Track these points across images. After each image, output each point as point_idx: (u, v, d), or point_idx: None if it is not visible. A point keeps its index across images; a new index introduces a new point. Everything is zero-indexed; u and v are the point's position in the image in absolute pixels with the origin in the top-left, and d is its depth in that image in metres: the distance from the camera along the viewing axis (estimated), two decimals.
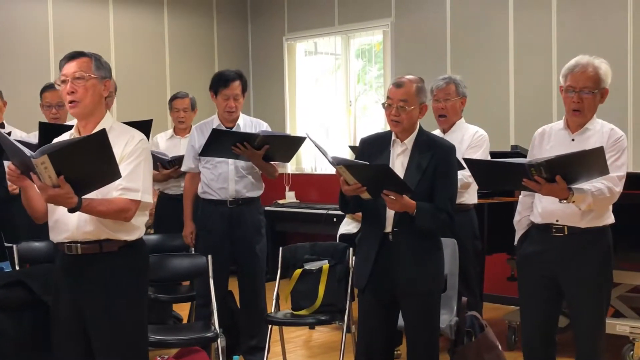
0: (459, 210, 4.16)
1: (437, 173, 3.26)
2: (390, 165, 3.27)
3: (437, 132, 4.44)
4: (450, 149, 3.36)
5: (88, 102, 2.88)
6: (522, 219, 3.55)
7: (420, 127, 3.36)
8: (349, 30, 7.47)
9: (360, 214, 3.50)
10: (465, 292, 4.15)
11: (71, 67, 2.88)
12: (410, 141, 3.31)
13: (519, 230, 3.57)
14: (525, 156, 3.80)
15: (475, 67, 6.50)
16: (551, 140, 3.41)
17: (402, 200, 3.14)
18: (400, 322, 3.37)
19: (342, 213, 4.63)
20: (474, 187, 4.35)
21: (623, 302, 4.80)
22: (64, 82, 2.88)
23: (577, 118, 3.33)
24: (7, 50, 6.45)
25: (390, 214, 3.24)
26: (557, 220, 3.34)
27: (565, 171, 3.06)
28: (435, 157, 3.27)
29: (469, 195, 4.41)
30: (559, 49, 6.01)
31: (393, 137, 3.35)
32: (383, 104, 3.34)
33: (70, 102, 2.88)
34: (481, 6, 6.50)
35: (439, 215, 3.24)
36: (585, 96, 3.26)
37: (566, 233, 3.32)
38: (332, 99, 7.72)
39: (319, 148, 3.30)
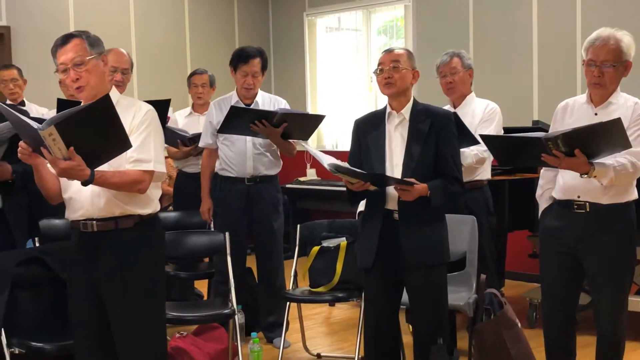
0: (473, 187, 4.11)
1: (439, 140, 3.24)
2: (388, 138, 3.27)
3: (447, 107, 4.37)
4: (448, 115, 3.36)
5: (94, 84, 2.86)
6: (544, 192, 3.49)
7: (414, 98, 3.34)
8: (370, 5, 7.39)
9: None
10: (481, 269, 4.11)
11: (68, 54, 2.82)
12: (407, 111, 3.29)
13: (542, 204, 3.51)
14: (546, 131, 3.74)
15: (498, 41, 6.40)
16: (574, 114, 3.34)
17: (414, 191, 3.13)
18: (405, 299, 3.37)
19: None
20: (488, 162, 4.29)
21: None
22: (64, 71, 2.84)
23: (598, 91, 3.25)
24: (27, 29, 6.48)
25: (391, 190, 3.22)
26: (578, 196, 3.28)
27: (584, 145, 3.00)
28: (434, 124, 3.25)
29: (483, 171, 4.33)
30: (583, 21, 5.89)
31: (388, 110, 3.32)
32: (375, 72, 3.32)
33: (77, 87, 2.85)
34: None
35: (450, 187, 3.23)
36: (606, 70, 3.18)
37: (588, 210, 3.26)
38: (353, 76, 7.66)
39: (315, 155, 3.29)
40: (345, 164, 3.23)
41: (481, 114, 4.24)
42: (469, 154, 4.08)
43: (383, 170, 3.24)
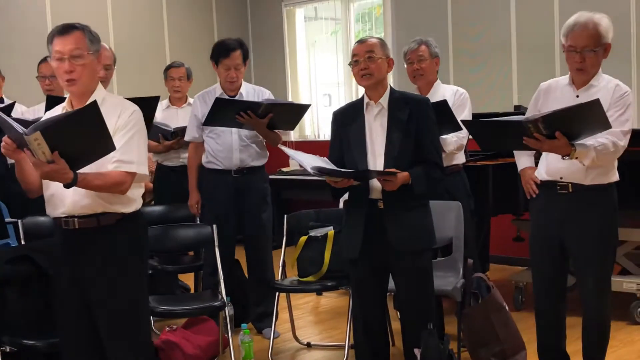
0: (451, 172, 4.14)
1: (419, 127, 3.26)
2: (368, 129, 3.28)
3: None
4: (426, 101, 3.39)
5: (86, 80, 2.83)
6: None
7: (390, 86, 3.35)
8: None
9: None
10: (466, 253, 4.14)
11: (67, 44, 2.79)
12: (384, 100, 3.30)
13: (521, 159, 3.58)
14: None
15: (477, 27, 6.44)
16: (557, 95, 3.37)
17: (396, 180, 3.15)
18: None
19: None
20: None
21: (629, 260, 4.80)
22: (59, 59, 2.80)
23: (582, 76, 3.29)
24: (4, 25, 6.41)
25: (374, 180, 3.23)
26: (561, 178, 3.32)
27: (564, 126, 3.03)
28: (413, 111, 3.26)
29: (459, 155, 4.36)
30: (561, 6, 5.94)
31: (366, 100, 3.33)
32: (349, 64, 3.32)
33: (68, 79, 2.81)
34: None
35: (432, 174, 3.26)
36: (587, 55, 3.21)
37: (570, 190, 3.30)
38: (334, 65, 7.67)
39: (296, 158, 3.27)
40: (327, 163, 3.24)
41: (452, 100, 4.24)
42: (450, 140, 4.10)
43: (365, 161, 3.25)
